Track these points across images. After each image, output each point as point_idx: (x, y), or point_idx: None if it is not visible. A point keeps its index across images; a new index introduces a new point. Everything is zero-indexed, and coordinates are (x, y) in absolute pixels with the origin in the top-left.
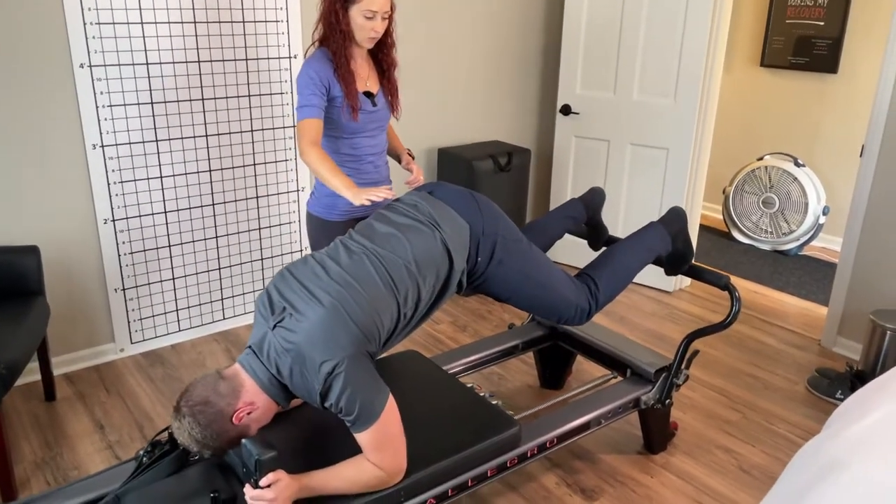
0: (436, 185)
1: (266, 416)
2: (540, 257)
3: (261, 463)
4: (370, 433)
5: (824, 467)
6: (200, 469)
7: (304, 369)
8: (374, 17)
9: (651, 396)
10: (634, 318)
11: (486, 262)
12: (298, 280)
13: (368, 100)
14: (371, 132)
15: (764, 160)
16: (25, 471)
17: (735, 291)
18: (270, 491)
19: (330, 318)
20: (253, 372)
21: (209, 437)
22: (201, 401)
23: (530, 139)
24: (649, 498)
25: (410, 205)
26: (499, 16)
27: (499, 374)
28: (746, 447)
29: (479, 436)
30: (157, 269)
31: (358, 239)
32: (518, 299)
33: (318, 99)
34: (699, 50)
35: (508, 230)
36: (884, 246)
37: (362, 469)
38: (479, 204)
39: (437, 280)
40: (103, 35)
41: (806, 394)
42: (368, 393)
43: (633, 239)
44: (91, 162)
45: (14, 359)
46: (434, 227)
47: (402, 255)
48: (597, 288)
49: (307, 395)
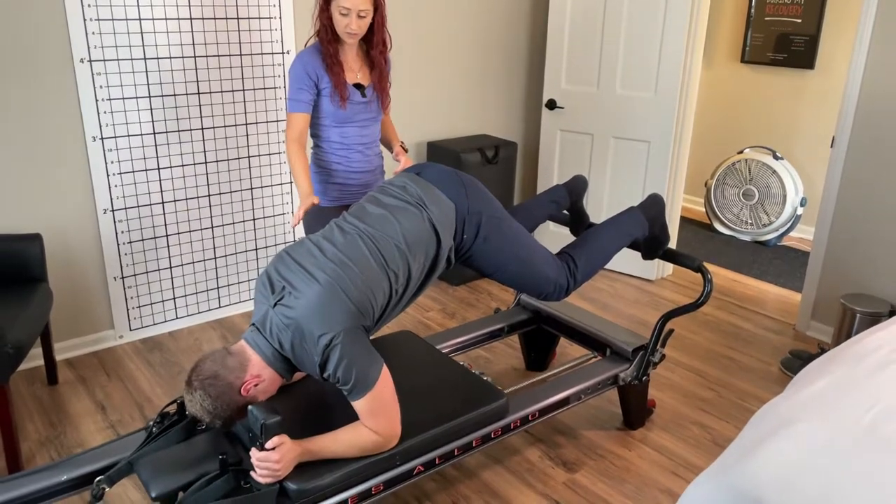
0: (423, 165)
1: (272, 388)
2: (523, 235)
3: (266, 427)
4: (366, 400)
5: (776, 424)
6: (208, 437)
7: (304, 342)
8: (349, 13)
9: (629, 373)
10: (617, 305)
11: (471, 239)
12: (296, 260)
13: (358, 91)
14: (361, 122)
15: (744, 153)
16: (31, 449)
17: (707, 273)
18: (275, 453)
19: (326, 295)
20: (258, 347)
21: (219, 408)
22: (211, 375)
23: (517, 133)
24: (627, 470)
25: (399, 186)
26: (487, 13)
27: (485, 358)
28: (720, 423)
29: (470, 406)
30: (154, 258)
31: (351, 220)
32: (502, 274)
33: (307, 94)
34: (678, 45)
35: (493, 208)
36: (853, 234)
37: (360, 434)
38: (464, 183)
39: (427, 258)
40: (103, 31)
41: (779, 374)
42: (364, 363)
43: (612, 222)
44: (91, 154)
45: (20, 340)
46: (422, 208)
47: (393, 236)
48: (575, 266)
49: (308, 367)
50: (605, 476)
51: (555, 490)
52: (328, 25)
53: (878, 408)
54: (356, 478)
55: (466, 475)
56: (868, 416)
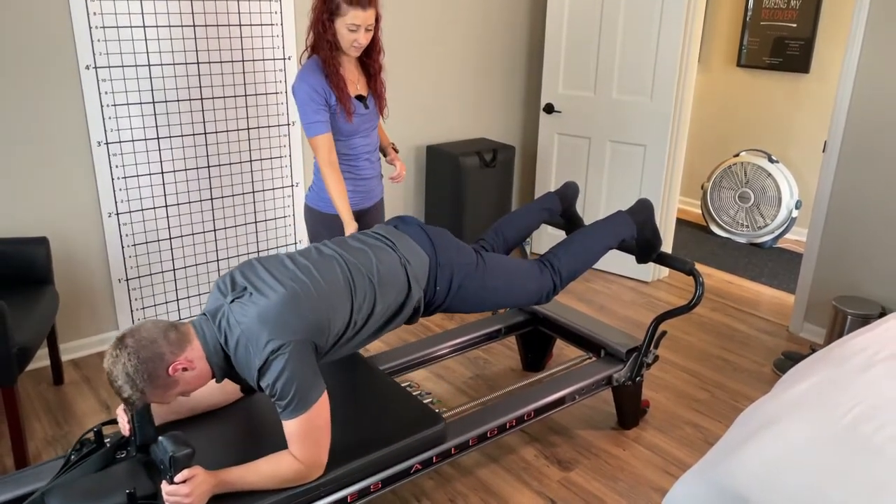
0: (400, 219)
1: (197, 382)
2: (497, 267)
3: (175, 459)
4: (299, 422)
5: (761, 423)
6: (125, 466)
7: (249, 344)
8: (358, 29)
9: (623, 374)
10: (613, 307)
11: (445, 291)
12: (265, 268)
13: (360, 103)
14: (364, 132)
15: (740, 157)
16: (37, 447)
17: (699, 276)
18: (185, 486)
19: (286, 302)
20: (203, 335)
21: (138, 375)
22: (149, 338)
23: (515, 136)
24: (621, 468)
25: (380, 234)
26: (485, 19)
27: (483, 359)
28: (713, 423)
29: (405, 432)
30: (158, 260)
31: (331, 246)
32: (487, 307)
33: (323, 114)
34: (674, 50)
35: (462, 255)
36: (845, 236)
37: (280, 463)
38: (430, 238)
39: (394, 302)
40: (108, 38)
41: (772, 375)
42: (306, 381)
43: (598, 223)
44: (96, 158)
45: (27, 341)
46: (401, 256)
47: (367, 267)
48: (558, 265)
49: (246, 371)
50: (600, 475)
51: (550, 488)
52: (332, 41)
53: (859, 408)
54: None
55: (463, 473)
56: (850, 416)
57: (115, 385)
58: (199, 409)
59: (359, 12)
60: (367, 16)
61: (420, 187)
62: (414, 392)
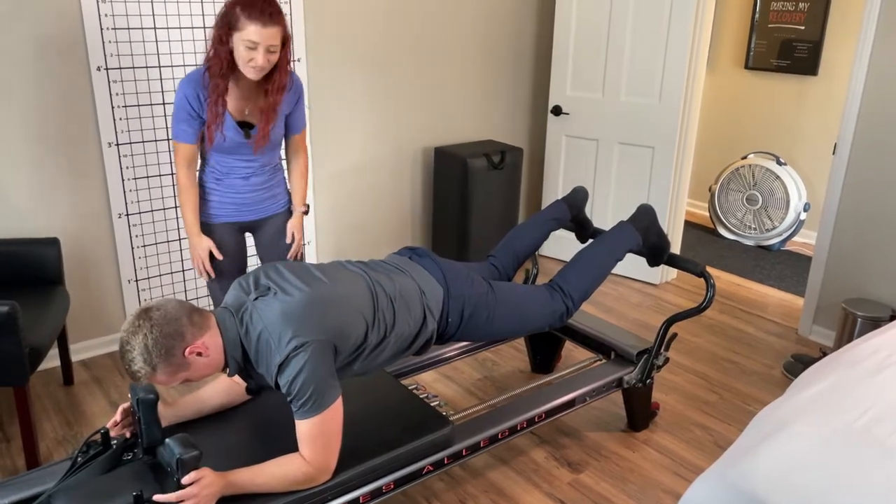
0: (412, 250)
1: (204, 371)
2: (507, 295)
3: (182, 462)
4: (312, 422)
5: (775, 425)
6: (132, 468)
7: (270, 339)
8: (256, 47)
9: (633, 376)
10: (622, 309)
11: (457, 323)
12: (292, 272)
13: (241, 131)
14: (243, 155)
15: (748, 159)
16: (48, 447)
17: (710, 278)
18: (193, 488)
19: (311, 302)
20: (224, 325)
21: (156, 350)
22: (174, 315)
23: (523, 138)
24: (631, 470)
25: (397, 263)
26: (493, 21)
27: (493, 360)
28: (723, 425)
29: (411, 435)
30: (168, 261)
31: (355, 264)
32: (499, 335)
33: (188, 125)
34: (682, 52)
35: (473, 286)
36: (855, 238)
37: (289, 466)
38: (443, 270)
39: (409, 333)
40: (119, 40)
41: (781, 377)
42: (323, 382)
43: (602, 239)
44: (107, 159)
45: (39, 341)
46: (418, 285)
47: (389, 288)
48: (568, 288)
49: (264, 367)
50: (609, 476)
51: (560, 490)
52: (226, 59)
53: (873, 410)
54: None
55: (473, 475)
56: (863, 418)
57: (128, 357)
58: (204, 411)
59: (258, 28)
60: (268, 34)
61: (428, 189)
62: (421, 395)
